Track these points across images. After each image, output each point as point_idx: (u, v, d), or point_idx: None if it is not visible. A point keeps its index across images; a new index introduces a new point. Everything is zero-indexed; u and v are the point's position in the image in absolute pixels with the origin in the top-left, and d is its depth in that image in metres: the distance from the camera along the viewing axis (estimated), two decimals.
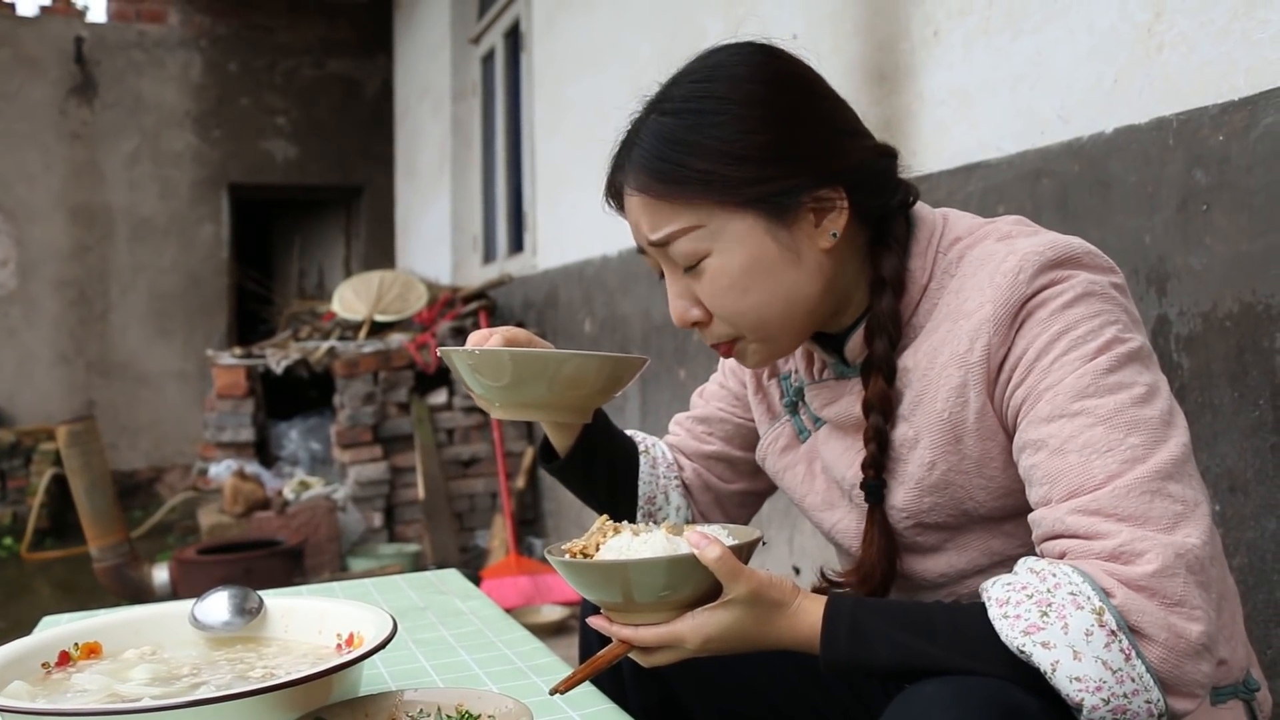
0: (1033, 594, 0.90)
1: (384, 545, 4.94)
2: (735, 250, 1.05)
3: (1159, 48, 1.70)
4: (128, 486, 7.64)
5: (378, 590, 1.75)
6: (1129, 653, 0.86)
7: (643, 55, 3.76)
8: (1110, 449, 0.93)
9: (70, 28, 7.90)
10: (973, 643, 0.92)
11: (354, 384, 5.02)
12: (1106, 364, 0.96)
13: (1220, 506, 1.57)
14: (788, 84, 1.08)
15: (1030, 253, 1.01)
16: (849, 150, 1.08)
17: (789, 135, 1.05)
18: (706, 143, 1.04)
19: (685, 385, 3.39)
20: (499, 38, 6.03)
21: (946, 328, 1.06)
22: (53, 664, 1.14)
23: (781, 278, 1.07)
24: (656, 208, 1.07)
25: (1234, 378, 1.55)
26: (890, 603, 0.98)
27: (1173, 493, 0.91)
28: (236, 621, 1.23)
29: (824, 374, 1.21)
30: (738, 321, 1.09)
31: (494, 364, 1.09)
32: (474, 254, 6.53)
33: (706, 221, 1.05)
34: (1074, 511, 0.92)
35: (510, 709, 0.99)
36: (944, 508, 1.08)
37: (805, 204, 1.05)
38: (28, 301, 7.81)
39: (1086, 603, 0.88)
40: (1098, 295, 0.99)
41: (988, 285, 1.02)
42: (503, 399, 1.12)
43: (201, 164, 8.25)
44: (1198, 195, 1.61)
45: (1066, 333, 0.98)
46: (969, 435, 1.04)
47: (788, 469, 1.26)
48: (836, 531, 1.20)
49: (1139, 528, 0.90)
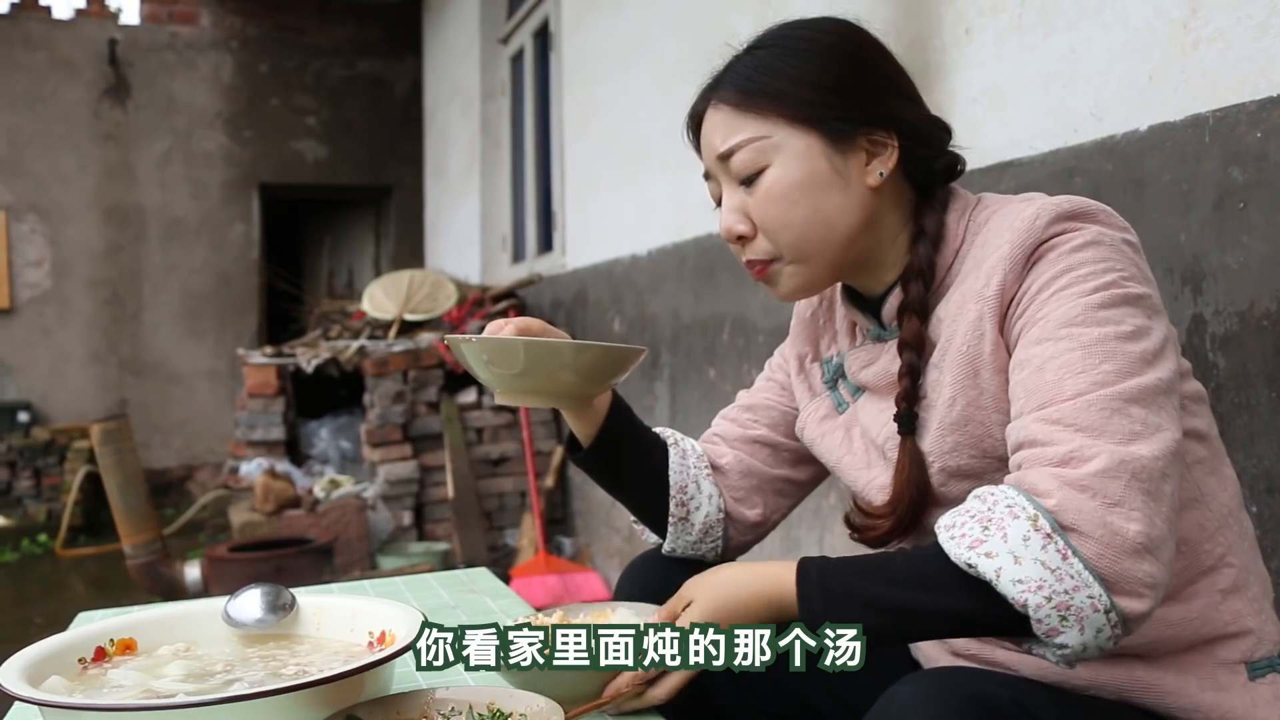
0: (975, 514, 0.97)
1: (413, 544, 4.96)
2: (792, 164, 1.15)
3: (1195, 44, 1.68)
4: (160, 484, 7.71)
5: (408, 589, 1.76)
6: (1065, 552, 0.91)
7: (671, 55, 3.76)
8: (1084, 370, 0.98)
9: (104, 30, 7.98)
10: (927, 572, 0.98)
11: (384, 383, 5.04)
12: (1099, 300, 1.01)
13: (1257, 508, 1.55)
14: (864, 44, 1.20)
15: (1048, 204, 1.08)
16: (907, 109, 1.18)
17: (857, 77, 1.16)
18: (787, 69, 1.16)
19: (715, 385, 3.39)
20: (528, 38, 6.04)
21: (972, 275, 1.12)
22: (89, 660, 1.16)
23: (828, 198, 1.15)
24: (732, 118, 1.17)
25: (1271, 378, 1.53)
26: (852, 558, 1.04)
27: (1134, 414, 0.96)
28: (269, 619, 1.24)
29: (861, 340, 1.28)
30: (780, 236, 1.17)
31: (498, 350, 1.17)
32: (503, 253, 6.55)
33: (772, 133, 1.15)
34: (1038, 420, 0.98)
35: (541, 708, 0.99)
36: (965, 447, 1.11)
37: (860, 138, 1.15)
38: (62, 301, 7.89)
39: (1022, 511, 0.93)
40: (1106, 244, 1.05)
41: (1006, 230, 1.09)
42: (503, 385, 1.20)
43: (232, 164, 8.31)
44: (1234, 193, 1.59)
45: (1069, 271, 1.04)
46: (985, 369, 1.09)
47: (825, 435, 1.31)
48: (871, 489, 1.23)
49: (1093, 438, 0.94)
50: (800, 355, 1.39)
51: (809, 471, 1.43)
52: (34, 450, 7.25)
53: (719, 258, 3.30)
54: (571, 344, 1.18)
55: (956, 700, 0.89)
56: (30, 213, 7.80)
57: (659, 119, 3.86)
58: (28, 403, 7.67)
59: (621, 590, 1.38)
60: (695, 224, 3.49)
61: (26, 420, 7.54)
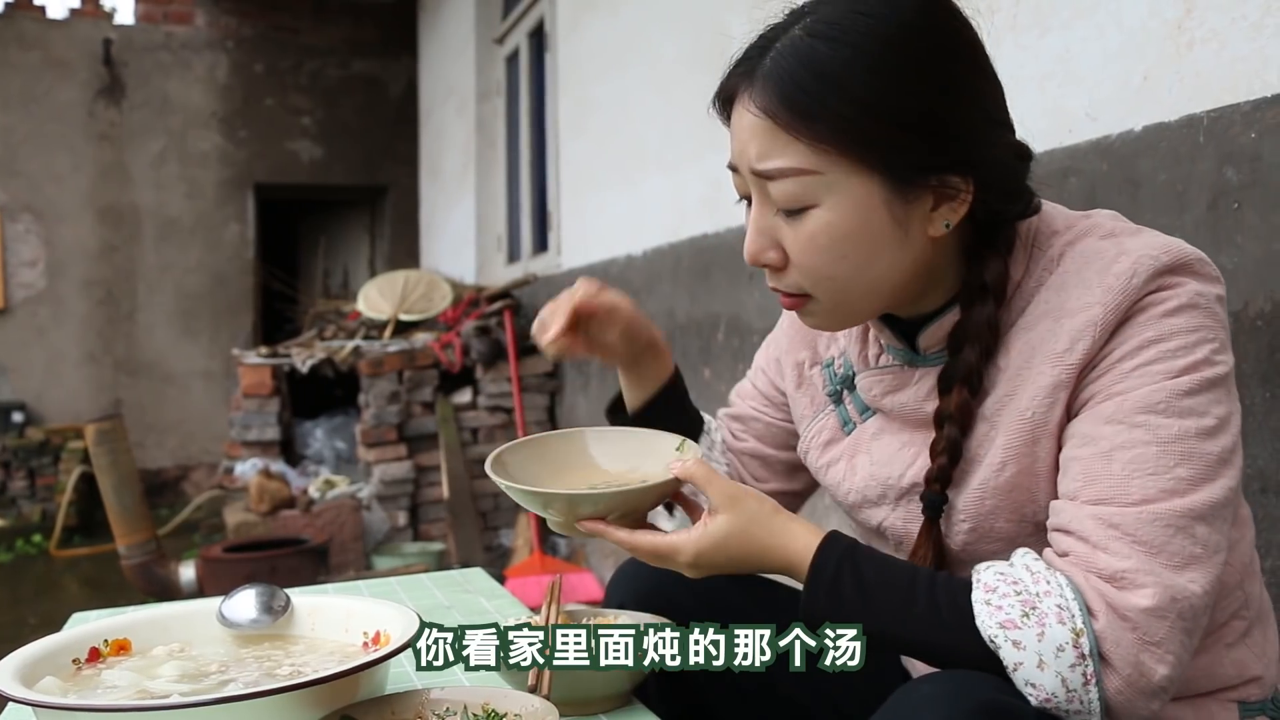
0: (1021, 591, 0.91)
1: (408, 544, 4.96)
2: (846, 210, 0.97)
3: (1189, 44, 1.68)
4: (154, 485, 7.69)
5: (403, 589, 1.76)
6: (1090, 678, 0.88)
7: (667, 55, 3.76)
8: (1156, 472, 0.91)
9: (99, 30, 7.97)
10: (948, 619, 0.93)
11: (379, 383, 5.04)
12: (1187, 385, 0.93)
13: (1251, 508, 1.55)
14: (956, 48, 0.99)
15: (1144, 255, 0.96)
16: (993, 142, 0.99)
17: (942, 108, 0.96)
18: (855, 87, 0.94)
19: (710, 385, 3.39)
20: (523, 38, 6.04)
21: (1046, 325, 0.99)
22: (83, 660, 1.15)
23: (882, 253, 0.99)
24: (775, 136, 0.97)
25: (1265, 377, 1.53)
26: (877, 561, 0.99)
27: (1198, 534, 0.90)
28: (264, 619, 1.23)
29: (880, 359, 1.14)
30: (819, 284, 1.02)
31: (525, 498, 1.12)
32: (498, 253, 6.54)
33: (826, 170, 0.96)
34: (1095, 518, 0.92)
35: (536, 708, 0.99)
36: (1004, 511, 1.03)
37: (930, 184, 0.97)
38: (56, 301, 7.87)
39: (1069, 620, 0.88)
40: (1202, 309, 0.95)
41: (1096, 285, 0.96)
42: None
43: (227, 164, 8.30)
44: (1229, 193, 1.59)
45: (1158, 342, 0.94)
46: (1047, 438, 0.99)
47: (830, 465, 1.21)
48: (885, 529, 1.16)
49: (1149, 558, 0.89)
50: (798, 363, 1.27)
51: (803, 481, 1.37)
52: (28, 450, 7.23)
53: (714, 258, 3.30)
54: (590, 495, 1.10)
55: (972, 706, 0.86)
56: (25, 213, 7.79)
57: (655, 119, 3.86)
58: (22, 403, 7.65)
59: (612, 594, 1.34)
60: (691, 224, 3.49)
61: (21, 420, 7.52)
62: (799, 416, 1.28)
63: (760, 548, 1.03)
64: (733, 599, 1.30)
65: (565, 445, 1.25)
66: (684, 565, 1.06)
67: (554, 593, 1.17)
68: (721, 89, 1.04)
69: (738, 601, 1.30)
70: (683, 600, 1.27)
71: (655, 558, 1.08)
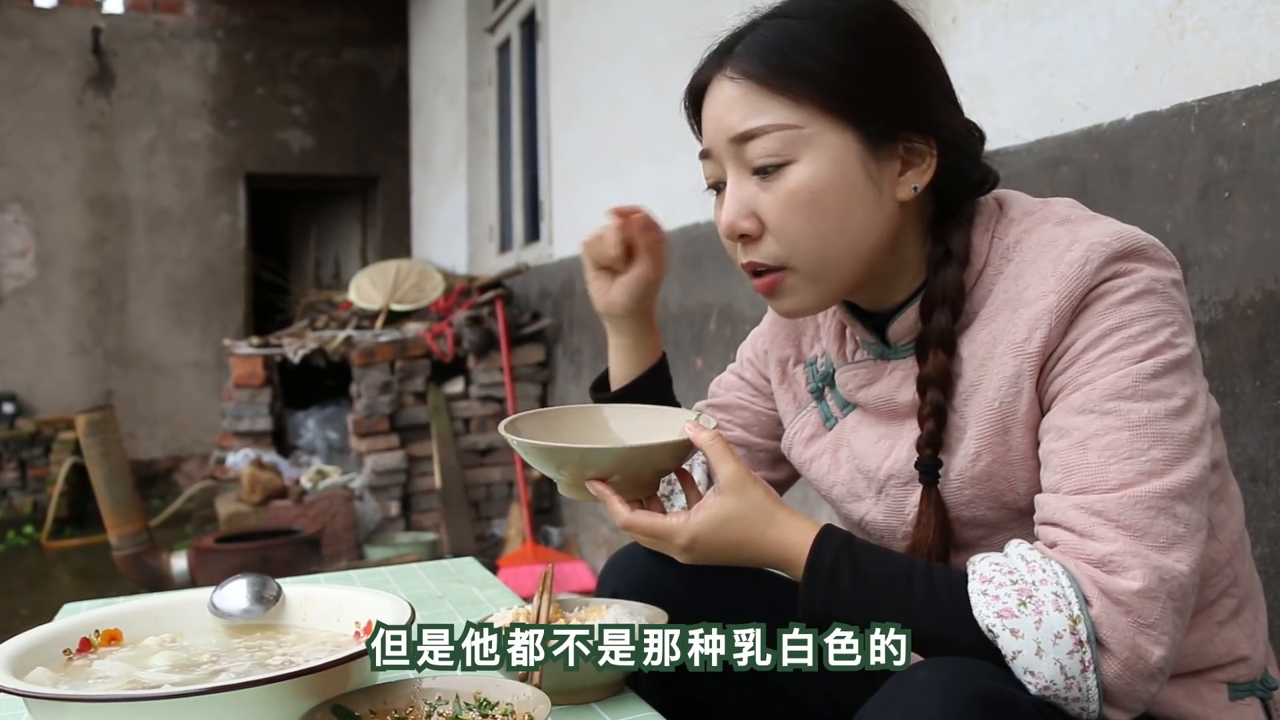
0: (1017, 580, 0.92)
1: (401, 534, 4.96)
2: (824, 164, 1.02)
3: (1181, 33, 1.68)
4: (146, 476, 7.69)
5: (395, 579, 1.76)
6: (1088, 665, 0.88)
7: (659, 44, 3.75)
8: (1131, 456, 0.92)
9: (87, 19, 7.92)
10: (945, 609, 0.94)
11: (371, 373, 5.03)
12: (1152, 369, 0.94)
13: (1243, 496, 1.55)
14: (908, 30, 1.08)
15: (1096, 243, 0.98)
16: (950, 114, 1.08)
17: (906, 73, 1.04)
18: (829, 51, 1.02)
19: (701, 374, 3.39)
20: (515, 27, 6.02)
21: (1005, 316, 1.02)
22: (74, 651, 1.15)
23: (858, 209, 1.03)
24: (756, 96, 1.03)
25: (1255, 366, 1.54)
26: (874, 553, 1.00)
27: (1179, 514, 0.91)
28: (255, 609, 1.23)
29: (856, 355, 1.17)
30: (797, 246, 1.04)
31: (537, 455, 1.14)
32: (490, 243, 6.53)
33: (805, 124, 1.01)
34: (1078, 507, 0.93)
35: (528, 697, 0.99)
36: (984, 500, 1.05)
37: (899, 144, 1.04)
38: (46, 292, 7.85)
39: (1066, 607, 0.89)
40: (1158, 293, 0.97)
41: (1051, 274, 0.99)
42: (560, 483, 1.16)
43: (218, 154, 8.27)
44: (1220, 182, 1.59)
45: (1120, 329, 0.96)
46: (1017, 426, 1.01)
47: (814, 459, 1.23)
48: (866, 524, 1.17)
49: (1134, 541, 0.90)
50: (782, 360, 1.30)
51: (786, 471, 1.37)
52: (19, 442, 7.22)
53: (706, 247, 3.30)
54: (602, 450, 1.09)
55: (969, 694, 0.86)
56: (14, 203, 7.75)
57: (646, 108, 3.85)
58: (13, 394, 7.63)
59: (605, 584, 1.34)
60: (682, 213, 3.48)
61: (11, 412, 7.50)
62: (782, 412, 1.30)
63: (758, 536, 1.03)
64: (727, 588, 1.30)
65: (582, 419, 1.25)
66: (680, 548, 1.06)
67: (546, 582, 1.17)
68: (693, 82, 1.11)
69: (731, 591, 1.30)
70: (676, 589, 1.26)
71: (652, 538, 1.08)
